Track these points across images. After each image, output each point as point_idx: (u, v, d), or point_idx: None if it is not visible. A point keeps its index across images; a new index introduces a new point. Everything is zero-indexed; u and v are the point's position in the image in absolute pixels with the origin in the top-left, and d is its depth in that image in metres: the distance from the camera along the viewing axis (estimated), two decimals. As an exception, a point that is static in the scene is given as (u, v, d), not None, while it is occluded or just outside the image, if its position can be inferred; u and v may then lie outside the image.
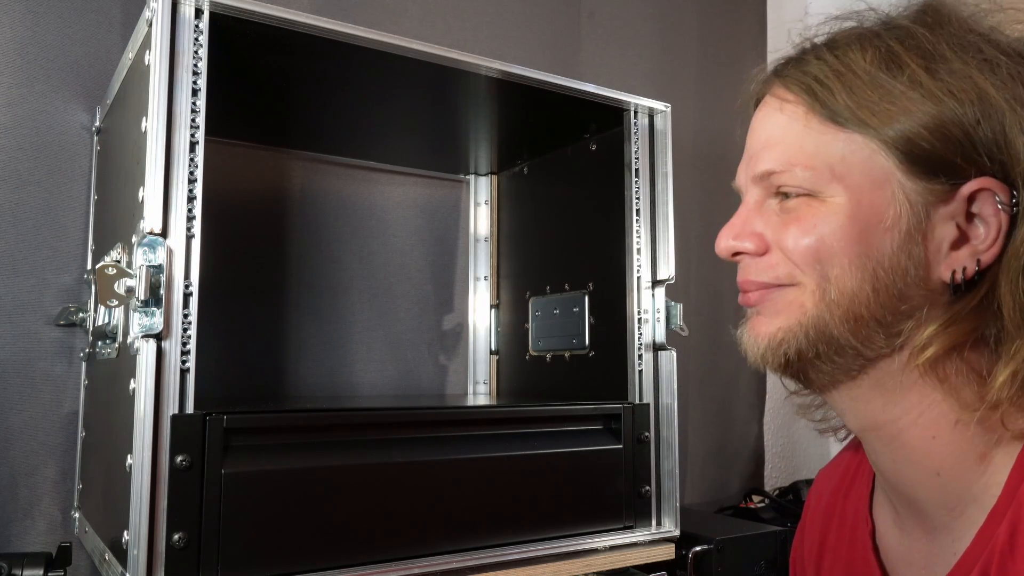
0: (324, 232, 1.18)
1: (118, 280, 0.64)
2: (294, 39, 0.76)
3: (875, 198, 0.58)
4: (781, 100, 0.63)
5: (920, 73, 0.57)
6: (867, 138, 0.58)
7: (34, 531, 0.95)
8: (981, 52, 0.58)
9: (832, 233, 0.59)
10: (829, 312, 0.59)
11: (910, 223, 0.58)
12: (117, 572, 0.67)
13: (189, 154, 0.67)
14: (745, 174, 0.66)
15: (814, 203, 0.60)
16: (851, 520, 0.73)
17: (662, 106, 0.97)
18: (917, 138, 0.57)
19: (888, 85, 0.58)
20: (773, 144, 0.63)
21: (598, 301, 1.03)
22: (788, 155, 0.61)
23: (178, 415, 0.64)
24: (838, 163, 0.59)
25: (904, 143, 0.57)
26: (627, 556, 0.87)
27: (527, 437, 0.84)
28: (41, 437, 0.96)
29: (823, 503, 0.79)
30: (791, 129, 0.62)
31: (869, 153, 0.58)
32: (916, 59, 0.58)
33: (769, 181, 0.63)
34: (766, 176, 0.63)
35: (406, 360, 1.24)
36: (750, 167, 0.65)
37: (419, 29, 1.27)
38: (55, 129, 0.99)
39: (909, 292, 0.58)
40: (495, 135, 1.12)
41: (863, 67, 0.59)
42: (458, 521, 0.77)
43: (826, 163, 0.59)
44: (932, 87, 0.57)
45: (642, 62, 1.54)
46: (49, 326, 0.97)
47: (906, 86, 0.57)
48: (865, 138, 0.59)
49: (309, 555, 0.69)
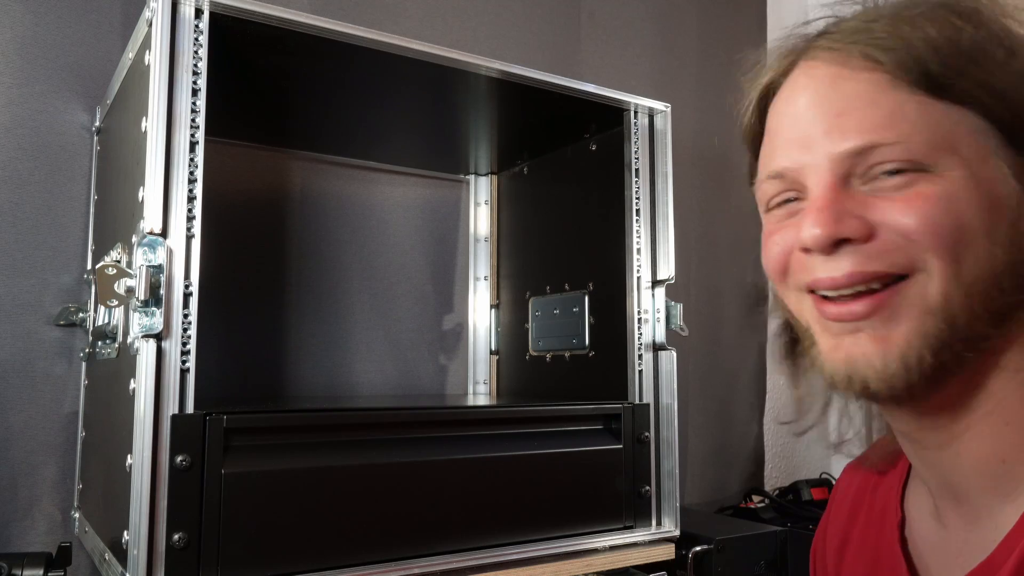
0: (324, 232, 1.18)
1: (118, 280, 0.64)
2: (294, 39, 0.76)
3: (987, 172, 0.54)
4: (841, 66, 0.56)
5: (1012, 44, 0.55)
6: (966, 109, 0.54)
7: (34, 531, 0.95)
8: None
9: (964, 208, 0.52)
10: (961, 299, 0.53)
11: (1015, 197, 0.54)
12: (117, 572, 0.67)
13: (189, 154, 0.67)
14: (820, 152, 0.56)
15: (931, 177, 0.53)
16: (879, 512, 0.72)
17: (662, 106, 0.97)
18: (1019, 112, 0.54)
19: (982, 56, 0.54)
20: (861, 114, 0.54)
21: (598, 301, 1.03)
22: (896, 125, 0.53)
23: (178, 415, 0.64)
24: (948, 134, 0.53)
25: (1009, 116, 0.54)
26: (627, 556, 0.87)
27: (527, 437, 0.85)
28: (41, 437, 0.96)
29: (850, 495, 0.77)
30: (884, 96, 0.54)
31: (970, 124, 0.54)
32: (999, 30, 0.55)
33: (868, 157, 0.54)
34: (866, 151, 0.54)
35: (406, 360, 1.24)
36: (833, 142, 0.55)
37: (419, 29, 1.27)
38: (55, 129, 0.99)
39: (1019, 270, 0.54)
40: (495, 135, 1.12)
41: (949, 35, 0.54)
42: (458, 521, 0.77)
43: (936, 134, 0.53)
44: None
45: (642, 62, 1.54)
46: (49, 326, 0.97)
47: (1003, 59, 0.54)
48: (963, 108, 0.54)
49: (309, 555, 0.69)
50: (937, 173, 0.53)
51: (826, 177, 0.55)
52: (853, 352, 0.55)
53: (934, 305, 0.53)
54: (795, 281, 0.60)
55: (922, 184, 0.53)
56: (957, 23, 0.55)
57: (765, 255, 0.62)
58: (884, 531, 0.70)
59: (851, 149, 0.54)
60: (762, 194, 0.62)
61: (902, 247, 0.53)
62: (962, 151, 0.54)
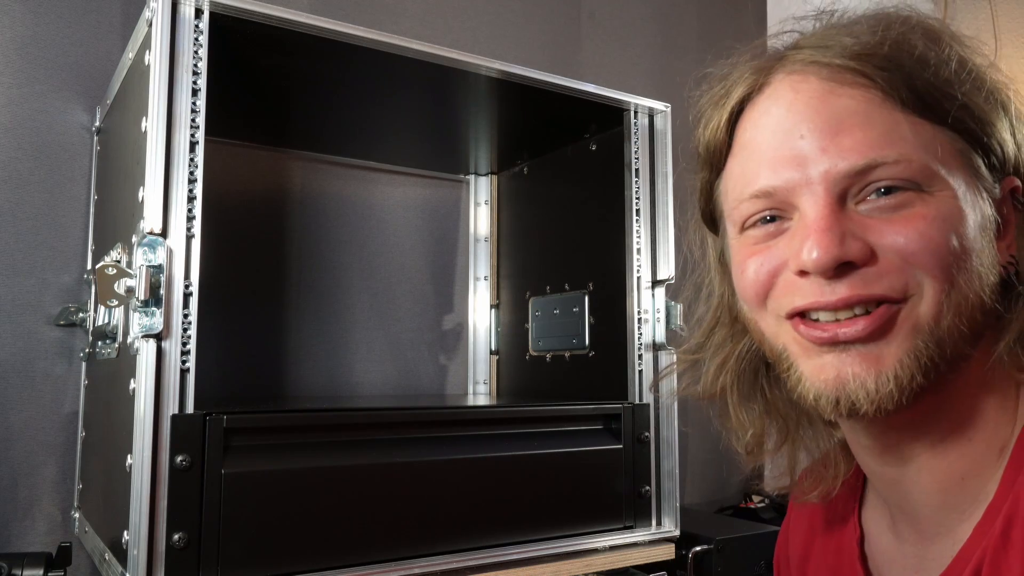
0: (324, 232, 1.18)
1: (118, 280, 0.64)
2: (294, 39, 0.76)
3: (968, 191, 0.54)
4: (832, 81, 0.55)
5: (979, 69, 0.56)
6: (951, 130, 0.54)
7: (34, 531, 0.95)
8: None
9: (957, 228, 0.52)
10: (950, 320, 0.52)
11: (989, 218, 0.55)
12: (117, 572, 0.67)
13: (189, 154, 0.67)
14: (816, 171, 0.54)
15: (926, 198, 0.53)
16: (839, 526, 0.72)
17: (662, 106, 0.97)
18: (994, 133, 0.55)
19: (958, 80, 0.54)
20: (860, 132, 0.53)
21: (598, 301, 1.03)
22: (895, 144, 0.53)
23: (178, 415, 0.64)
24: (939, 154, 0.53)
25: (985, 137, 0.55)
26: (627, 556, 0.87)
27: (527, 437, 0.84)
28: (41, 437, 0.96)
29: (808, 506, 0.77)
30: (879, 114, 0.53)
31: (956, 145, 0.54)
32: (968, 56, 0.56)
33: (867, 176, 0.53)
34: (867, 170, 0.53)
35: (406, 360, 1.24)
36: (831, 160, 0.53)
37: (419, 29, 1.28)
38: (55, 129, 1.00)
39: (996, 288, 0.55)
40: (495, 135, 1.12)
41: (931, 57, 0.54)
42: (458, 521, 0.77)
43: (929, 153, 0.53)
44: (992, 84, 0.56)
45: (642, 62, 1.54)
46: (49, 326, 0.97)
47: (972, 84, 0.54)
48: (949, 129, 0.54)
49: (309, 555, 0.69)
50: (931, 193, 0.53)
51: (824, 197, 0.53)
52: (843, 373, 0.53)
53: (925, 325, 0.52)
54: (778, 305, 0.58)
55: (918, 205, 0.52)
56: (932, 44, 0.55)
57: (742, 278, 0.60)
58: (843, 548, 0.69)
59: (851, 168, 0.53)
60: (738, 214, 0.59)
61: (901, 269, 0.52)
62: (952, 171, 0.53)
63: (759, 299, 0.59)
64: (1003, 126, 0.56)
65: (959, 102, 0.54)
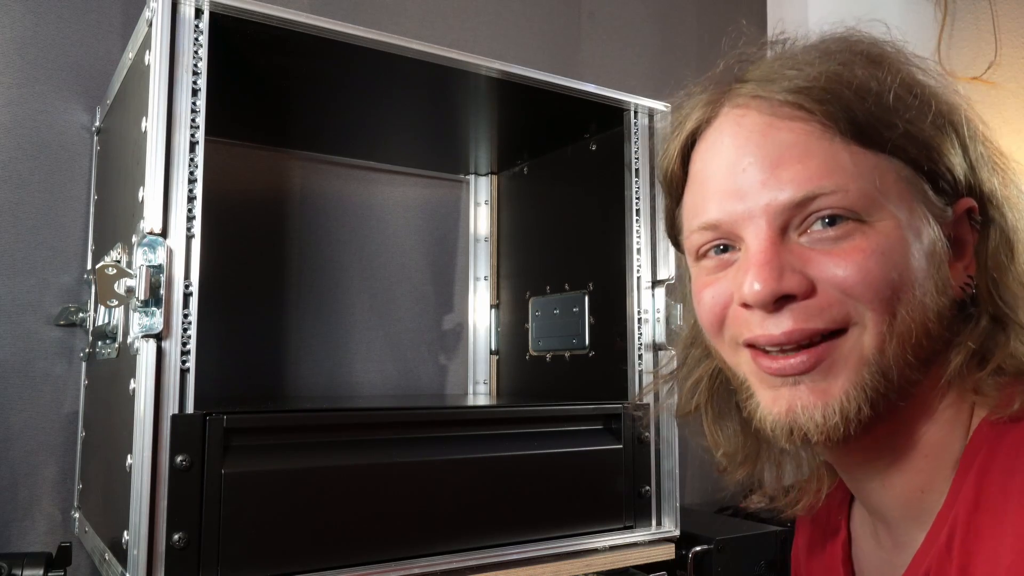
0: (324, 232, 1.18)
1: (118, 280, 0.64)
2: (294, 39, 0.76)
3: (915, 220, 0.55)
4: (772, 115, 0.56)
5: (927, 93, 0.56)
6: (892, 157, 0.55)
7: (34, 531, 0.95)
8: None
9: (898, 260, 0.53)
10: (895, 349, 0.53)
11: (938, 243, 0.55)
12: (117, 572, 0.67)
13: (189, 154, 0.67)
14: (757, 204, 0.55)
15: (864, 228, 0.53)
16: (831, 529, 0.73)
17: (662, 106, 0.97)
18: (941, 158, 0.56)
19: (901, 105, 0.55)
20: (799, 164, 0.54)
21: (598, 301, 1.03)
22: (833, 175, 0.53)
23: (178, 415, 0.64)
24: (878, 183, 0.54)
25: (930, 163, 0.55)
26: (627, 556, 0.87)
27: (527, 437, 0.84)
28: (41, 437, 0.96)
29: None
30: (818, 146, 0.54)
31: (897, 172, 0.55)
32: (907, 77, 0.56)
33: (807, 207, 0.54)
34: (806, 202, 0.53)
35: (406, 360, 1.24)
36: (771, 193, 0.54)
37: (419, 29, 1.28)
38: (55, 129, 1.00)
39: (946, 312, 0.56)
40: (495, 135, 1.12)
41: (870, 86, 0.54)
42: (458, 521, 0.77)
43: (869, 183, 0.53)
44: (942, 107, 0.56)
45: (642, 62, 1.54)
46: (49, 326, 0.97)
47: (917, 106, 0.55)
48: (890, 157, 0.55)
49: (309, 555, 0.69)
50: (871, 224, 0.54)
51: (765, 230, 0.55)
52: (794, 405, 0.55)
53: (870, 357, 0.53)
54: (731, 335, 0.59)
55: (857, 237, 0.53)
56: (875, 72, 0.55)
57: (699, 308, 0.61)
58: (833, 550, 0.72)
59: (790, 200, 0.54)
60: (691, 244, 0.61)
61: (841, 302, 0.53)
62: (892, 200, 0.54)
63: (715, 328, 0.60)
64: (952, 150, 0.56)
65: (900, 130, 0.54)
